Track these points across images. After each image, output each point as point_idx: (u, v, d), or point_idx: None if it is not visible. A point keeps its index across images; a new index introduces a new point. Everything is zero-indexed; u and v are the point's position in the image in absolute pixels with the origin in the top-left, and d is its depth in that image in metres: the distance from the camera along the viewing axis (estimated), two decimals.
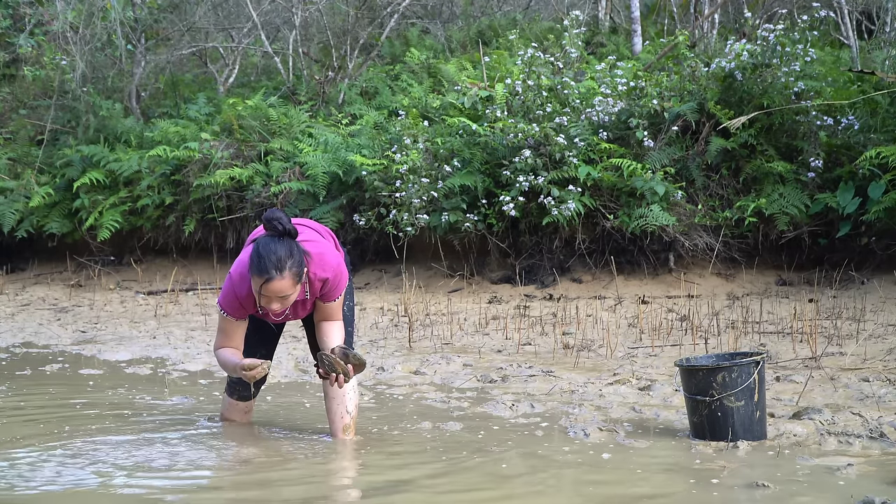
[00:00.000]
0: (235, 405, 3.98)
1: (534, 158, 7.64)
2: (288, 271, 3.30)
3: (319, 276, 3.50)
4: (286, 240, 3.35)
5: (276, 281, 3.30)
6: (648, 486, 3.14)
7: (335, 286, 3.55)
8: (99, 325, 7.46)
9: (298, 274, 3.35)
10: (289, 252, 3.32)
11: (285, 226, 3.35)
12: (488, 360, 5.59)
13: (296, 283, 3.35)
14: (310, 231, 3.64)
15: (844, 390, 4.46)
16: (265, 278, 3.31)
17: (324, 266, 3.51)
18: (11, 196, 10.10)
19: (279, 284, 3.31)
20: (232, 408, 3.99)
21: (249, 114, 9.46)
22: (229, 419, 4.01)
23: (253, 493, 3.09)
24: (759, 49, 7.60)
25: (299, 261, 3.36)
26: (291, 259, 3.32)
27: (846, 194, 7.19)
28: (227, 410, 4.01)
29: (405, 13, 11.82)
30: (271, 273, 3.30)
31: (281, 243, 3.33)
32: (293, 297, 3.40)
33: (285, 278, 3.31)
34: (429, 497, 3.05)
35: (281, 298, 3.36)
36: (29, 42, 11.56)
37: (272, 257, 3.30)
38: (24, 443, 3.70)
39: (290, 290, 3.35)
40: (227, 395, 4.00)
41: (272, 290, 3.32)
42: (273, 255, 3.31)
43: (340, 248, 3.81)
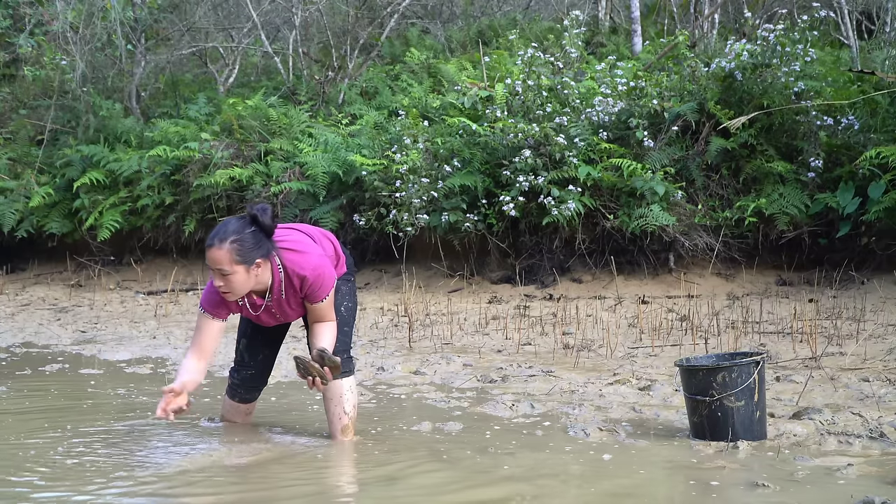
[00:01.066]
0: (236, 407, 3.99)
1: (534, 158, 7.64)
2: (228, 244, 3.35)
3: (297, 273, 3.51)
4: (246, 221, 3.41)
5: (213, 249, 3.36)
6: (648, 486, 3.13)
7: (317, 287, 3.53)
8: (99, 325, 7.46)
9: (240, 253, 3.37)
10: (237, 230, 3.38)
11: (260, 216, 3.40)
12: (488, 360, 5.59)
13: (234, 262, 3.37)
14: (298, 234, 3.65)
15: (844, 390, 4.46)
16: (207, 244, 3.41)
17: (302, 265, 3.51)
18: (11, 196, 10.10)
19: (216, 253, 3.36)
20: (232, 409, 3.99)
21: (249, 114, 9.47)
22: (230, 420, 4.01)
23: (252, 495, 3.09)
24: (759, 49, 7.60)
25: (246, 243, 3.37)
26: (236, 235, 3.37)
27: (846, 194, 7.19)
28: (228, 412, 4.01)
29: (405, 13, 11.82)
30: (213, 241, 3.38)
31: (237, 221, 3.42)
32: (236, 279, 3.40)
33: (222, 249, 3.35)
34: (429, 497, 3.05)
35: (221, 274, 3.39)
36: (29, 42, 11.57)
37: (220, 229, 3.41)
38: (24, 442, 3.70)
39: (226, 265, 3.37)
40: (227, 396, 3.99)
41: (210, 258, 3.38)
42: (222, 227, 3.41)
43: (341, 251, 3.82)
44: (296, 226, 3.75)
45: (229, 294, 3.46)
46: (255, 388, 3.94)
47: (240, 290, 3.45)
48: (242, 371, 3.92)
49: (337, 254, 3.79)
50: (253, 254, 3.39)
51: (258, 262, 3.42)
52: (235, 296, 3.48)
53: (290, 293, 3.56)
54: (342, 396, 3.71)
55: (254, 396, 3.97)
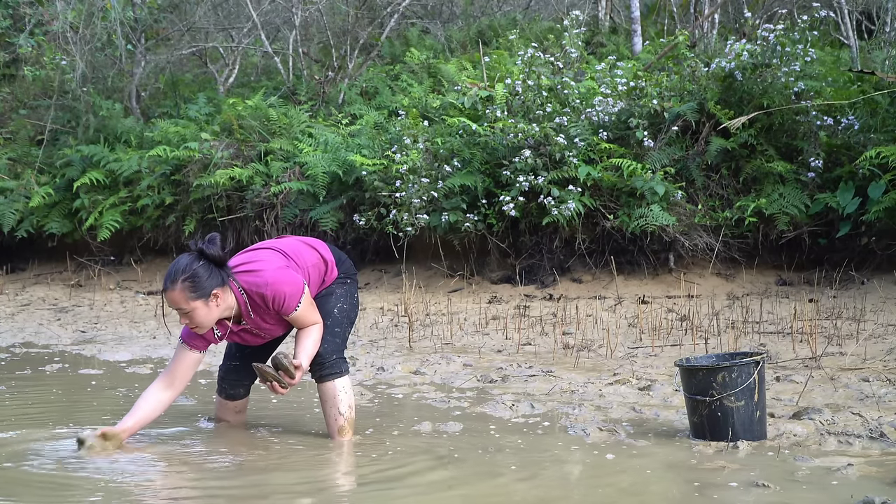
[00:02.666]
0: (225, 405, 4.00)
1: (534, 158, 7.64)
2: (179, 283, 3.41)
3: (257, 293, 3.57)
4: (194, 256, 3.47)
5: (168, 292, 3.44)
6: (648, 486, 3.14)
7: (281, 299, 3.56)
8: (99, 325, 7.46)
9: (192, 289, 3.42)
10: (186, 267, 3.44)
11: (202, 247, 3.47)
12: (488, 360, 5.59)
13: (190, 300, 3.42)
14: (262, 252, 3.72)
15: (844, 390, 4.46)
16: (162, 289, 3.51)
17: (258, 283, 3.57)
18: (11, 196, 10.10)
19: (170, 295, 3.43)
20: (223, 407, 4.01)
21: (249, 114, 9.47)
22: (223, 419, 4.02)
23: (251, 492, 3.09)
24: (759, 49, 7.60)
25: (197, 278, 3.42)
26: (185, 274, 3.42)
27: (846, 194, 7.19)
28: (219, 410, 4.03)
29: (405, 13, 11.82)
30: (165, 283, 3.47)
31: (187, 258, 3.48)
32: (198, 314, 3.45)
33: (175, 290, 3.41)
34: (429, 497, 3.05)
35: (180, 312, 3.45)
36: (29, 42, 11.56)
37: (171, 270, 3.47)
38: (24, 443, 3.70)
39: (182, 304, 3.42)
40: (216, 393, 4.02)
41: (168, 300, 3.46)
42: (172, 268, 3.47)
43: (330, 256, 3.85)
44: (267, 243, 3.84)
45: (198, 328, 3.52)
46: (238, 384, 3.95)
47: (206, 323, 3.51)
48: (227, 362, 3.94)
49: (324, 260, 3.81)
50: (207, 285, 3.45)
51: (215, 292, 3.47)
52: (204, 328, 3.53)
53: (261, 312, 3.62)
54: (336, 398, 3.72)
55: (238, 393, 3.97)
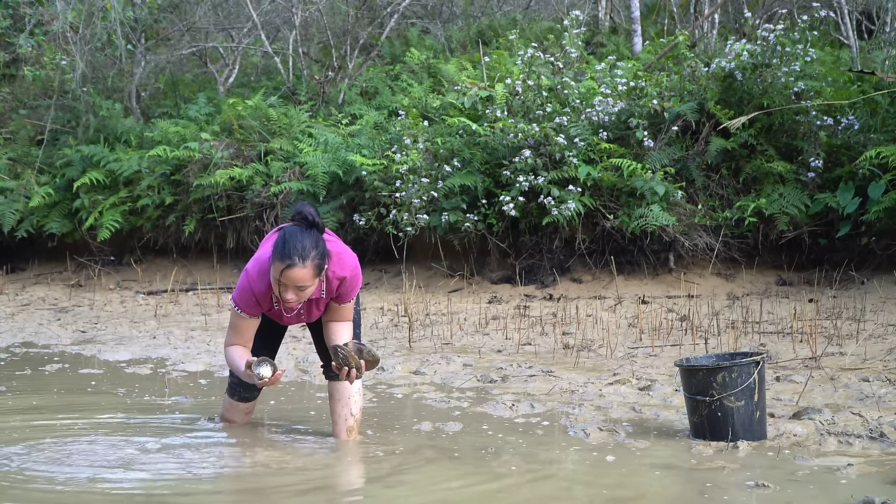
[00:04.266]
0: (236, 406, 3.98)
1: (534, 158, 7.64)
2: (310, 261, 3.32)
3: (338, 275, 3.52)
4: (313, 231, 3.38)
5: (297, 268, 3.31)
6: (648, 486, 3.14)
7: (352, 287, 3.57)
8: (99, 325, 7.46)
9: (319, 267, 3.37)
10: (314, 243, 3.35)
11: (315, 219, 3.40)
12: (488, 360, 5.59)
13: (315, 276, 3.36)
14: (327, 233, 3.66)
15: (844, 390, 4.46)
16: (286, 264, 3.31)
17: (342, 265, 3.53)
18: (11, 196, 10.09)
19: (299, 273, 3.31)
20: (233, 409, 3.99)
21: (249, 114, 9.46)
22: (230, 420, 4.01)
23: (253, 494, 3.09)
24: (759, 49, 7.60)
25: (322, 254, 3.37)
26: (315, 250, 3.34)
27: (846, 194, 7.19)
28: (228, 411, 4.01)
29: (405, 13, 11.82)
30: (294, 259, 3.31)
31: (308, 234, 3.36)
32: (310, 290, 3.39)
33: (307, 267, 3.32)
34: (428, 498, 3.05)
35: (298, 289, 3.35)
36: (29, 42, 11.56)
37: (297, 245, 3.32)
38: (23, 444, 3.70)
39: (308, 282, 3.35)
40: (227, 395, 3.99)
41: (291, 277, 3.32)
42: (298, 242, 3.32)
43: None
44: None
45: (293, 304, 3.45)
46: (253, 388, 3.93)
47: (306, 298, 3.44)
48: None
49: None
50: (325, 263, 3.41)
51: (327, 265, 3.44)
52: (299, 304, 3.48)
53: (325, 295, 3.58)
54: (350, 398, 3.72)
55: (253, 395, 3.96)
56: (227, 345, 3.64)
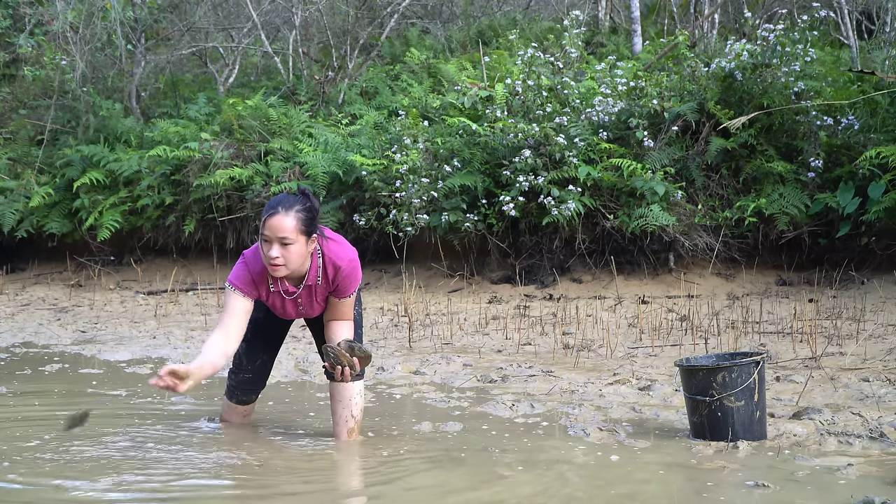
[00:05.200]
0: (234, 408, 3.99)
1: (534, 158, 7.64)
2: (294, 212, 3.33)
3: (334, 263, 3.51)
4: (303, 197, 3.41)
5: (279, 216, 3.32)
6: (648, 486, 3.14)
7: (349, 279, 3.55)
8: (99, 325, 7.46)
9: (304, 222, 3.36)
10: (300, 201, 3.37)
11: (308, 192, 3.42)
12: (488, 360, 5.59)
13: (299, 231, 3.35)
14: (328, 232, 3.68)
15: (844, 390, 4.46)
16: (269, 214, 3.34)
17: (339, 255, 3.53)
18: (11, 196, 10.10)
19: (281, 220, 3.32)
20: (231, 410, 4.00)
21: (249, 114, 9.47)
22: (228, 421, 4.02)
23: (254, 493, 3.09)
24: (759, 49, 7.60)
25: (309, 212, 3.37)
26: (301, 206, 3.36)
27: (846, 194, 7.19)
28: (227, 413, 4.02)
29: (405, 13, 11.82)
30: (276, 209, 3.34)
31: (294, 197, 3.40)
32: (295, 249, 3.36)
33: (289, 216, 3.33)
34: (428, 497, 3.05)
35: (281, 242, 3.34)
36: (29, 42, 11.56)
37: (282, 198, 3.38)
38: (23, 444, 3.70)
39: (290, 234, 3.33)
40: (226, 397, 4.00)
41: (273, 226, 3.33)
42: (283, 199, 3.38)
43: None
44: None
45: (281, 268, 3.39)
46: (252, 391, 3.95)
47: (294, 264, 3.40)
48: (240, 374, 3.91)
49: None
50: (313, 226, 3.40)
51: (314, 236, 3.43)
52: (287, 270, 3.41)
53: (322, 283, 3.55)
54: (351, 399, 3.70)
55: (251, 399, 3.97)
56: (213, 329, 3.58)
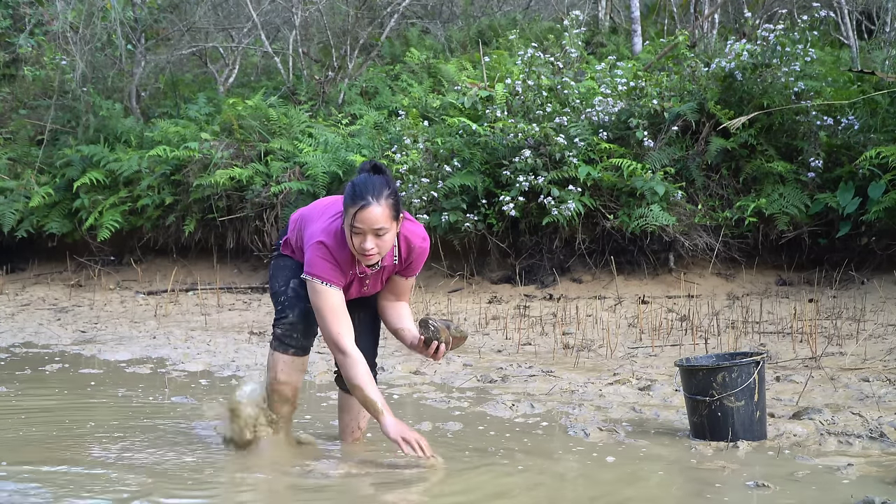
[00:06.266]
0: (292, 363, 3.38)
1: (534, 158, 7.64)
2: (385, 199, 3.08)
3: (409, 241, 3.30)
4: (383, 175, 3.16)
5: (372, 207, 3.06)
6: (648, 486, 3.14)
7: (421, 258, 3.34)
8: (99, 325, 7.46)
9: (395, 208, 3.12)
10: (385, 183, 3.12)
11: (382, 167, 3.19)
12: (488, 360, 5.59)
13: (391, 218, 3.11)
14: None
15: (844, 390, 4.46)
16: (360, 205, 3.06)
17: (415, 231, 3.31)
18: (11, 196, 10.10)
19: (374, 212, 3.06)
20: (289, 368, 3.38)
21: (249, 114, 9.47)
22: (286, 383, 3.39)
23: (253, 493, 3.09)
24: (759, 49, 7.60)
25: (395, 195, 3.12)
26: (388, 189, 3.10)
27: (846, 194, 7.19)
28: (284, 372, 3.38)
29: (405, 13, 11.82)
30: (367, 199, 3.06)
31: (374, 177, 3.13)
32: (389, 238, 3.13)
33: (382, 205, 3.07)
34: (429, 498, 3.05)
35: (376, 234, 3.09)
36: (29, 42, 11.57)
37: (368, 185, 3.09)
38: (23, 445, 3.70)
39: (386, 223, 3.09)
40: (279, 352, 3.38)
41: (367, 219, 3.06)
42: (370, 183, 3.10)
43: None
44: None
45: (374, 256, 3.14)
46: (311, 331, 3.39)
47: (387, 251, 3.18)
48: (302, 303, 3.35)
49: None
50: (400, 206, 3.17)
51: (401, 216, 3.20)
52: (380, 258, 3.18)
53: (397, 262, 3.34)
54: (360, 411, 3.55)
55: (311, 343, 3.43)
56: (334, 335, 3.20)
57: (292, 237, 3.48)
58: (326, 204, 3.45)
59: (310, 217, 3.42)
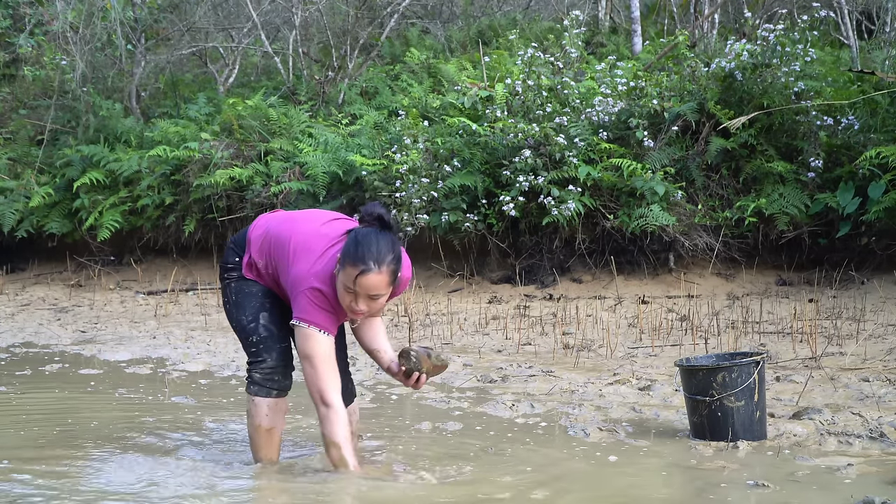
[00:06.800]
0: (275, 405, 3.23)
1: (534, 158, 7.64)
2: (386, 267, 2.93)
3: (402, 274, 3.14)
4: (388, 234, 2.99)
5: (372, 274, 2.91)
6: (648, 486, 3.14)
7: (403, 286, 3.20)
8: (99, 325, 7.46)
9: (395, 273, 2.97)
10: (390, 247, 2.95)
11: (389, 220, 3.01)
12: (488, 360, 5.59)
13: (390, 284, 2.97)
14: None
15: (844, 390, 4.46)
16: (360, 269, 2.90)
17: (405, 265, 3.15)
18: (11, 196, 10.10)
19: (374, 279, 2.91)
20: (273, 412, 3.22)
21: (249, 114, 9.46)
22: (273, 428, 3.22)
23: (253, 495, 3.09)
24: (759, 49, 7.60)
25: (398, 258, 2.98)
26: (392, 255, 2.95)
27: (846, 194, 7.19)
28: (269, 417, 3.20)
29: (405, 13, 11.82)
30: (369, 265, 2.90)
31: (383, 236, 2.96)
32: (382, 300, 3.01)
33: (382, 273, 2.92)
34: (429, 498, 3.05)
35: (371, 299, 2.96)
36: (29, 42, 11.56)
37: (372, 248, 2.92)
38: (23, 445, 3.70)
39: (383, 290, 2.96)
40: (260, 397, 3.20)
41: (366, 285, 2.92)
42: (374, 245, 2.92)
43: None
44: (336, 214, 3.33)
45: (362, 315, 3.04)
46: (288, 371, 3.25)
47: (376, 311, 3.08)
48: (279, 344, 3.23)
49: None
50: (399, 268, 3.01)
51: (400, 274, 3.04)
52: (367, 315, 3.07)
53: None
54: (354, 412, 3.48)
55: (290, 383, 3.28)
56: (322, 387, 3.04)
57: (259, 260, 3.23)
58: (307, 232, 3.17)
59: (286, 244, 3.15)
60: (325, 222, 3.22)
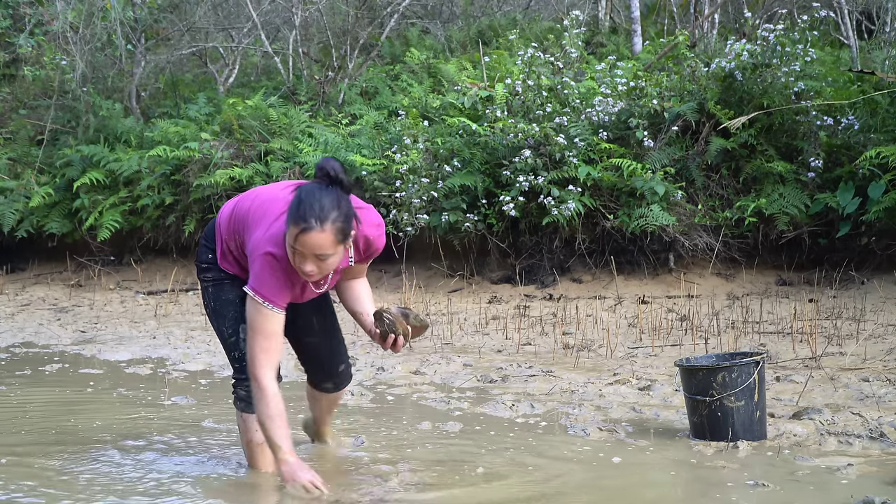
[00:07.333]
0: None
1: (534, 158, 7.64)
2: (330, 224, 2.78)
3: (366, 236, 3.05)
4: (334, 189, 2.84)
5: (314, 233, 2.77)
6: (648, 486, 3.14)
7: (378, 244, 3.10)
8: (99, 325, 7.46)
9: (343, 232, 2.83)
10: (335, 203, 2.81)
11: (338, 174, 2.85)
12: (488, 360, 5.59)
13: (337, 243, 2.82)
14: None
15: (844, 390, 4.46)
16: (301, 228, 2.78)
17: (367, 222, 3.02)
18: (11, 196, 10.10)
19: (317, 238, 2.78)
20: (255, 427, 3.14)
21: (249, 114, 9.46)
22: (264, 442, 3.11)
23: (253, 496, 3.09)
24: (759, 49, 7.60)
25: (346, 216, 2.83)
26: (337, 211, 2.80)
27: (846, 194, 7.19)
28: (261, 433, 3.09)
29: (405, 13, 11.82)
30: (310, 222, 2.77)
31: (327, 192, 2.82)
32: (333, 261, 2.87)
33: (325, 231, 2.78)
34: (429, 498, 3.05)
35: (317, 258, 2.82)
36: (29, 42, 11.56)
37: (315, 205, 2.78)
38: (24, 446, 3.70)
39: (329, 249, 2.82)
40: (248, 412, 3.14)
41: (308, 244, 2.79)
42: (316, 202, 2.79)
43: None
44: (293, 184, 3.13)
45: (315, 277, 2.90)
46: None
47: (329, 271, 2.91)
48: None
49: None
50: (350, 226, 2.86)
51: (353, 234, 2.90)
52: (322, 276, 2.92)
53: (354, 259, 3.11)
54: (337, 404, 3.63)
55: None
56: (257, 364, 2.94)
57: (231, 242, 3.13)
58: (266, 199, 3.08)
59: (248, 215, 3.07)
60: (286, 187, 3.10)
